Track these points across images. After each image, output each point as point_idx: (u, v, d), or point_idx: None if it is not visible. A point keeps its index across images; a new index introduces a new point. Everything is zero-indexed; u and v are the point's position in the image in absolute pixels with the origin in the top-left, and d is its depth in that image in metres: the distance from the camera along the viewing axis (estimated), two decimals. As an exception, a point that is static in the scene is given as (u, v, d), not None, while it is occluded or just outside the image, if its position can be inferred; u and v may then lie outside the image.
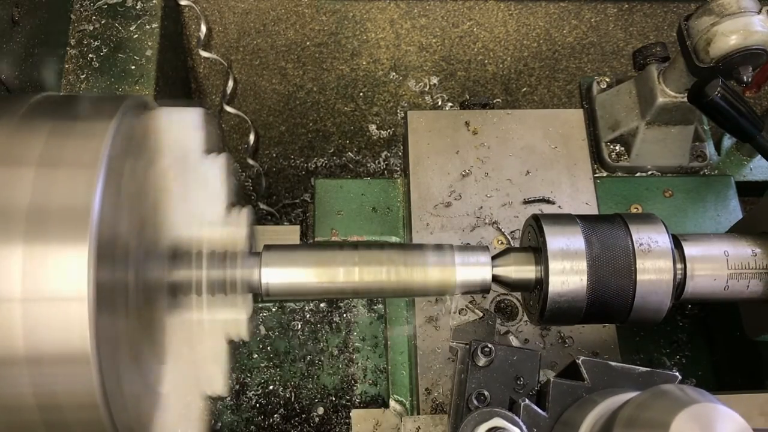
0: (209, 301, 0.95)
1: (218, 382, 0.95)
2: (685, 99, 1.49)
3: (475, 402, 0.93)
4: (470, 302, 1.01)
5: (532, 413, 0.88)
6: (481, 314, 1.01)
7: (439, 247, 1.03)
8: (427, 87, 2.20)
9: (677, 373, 0.91)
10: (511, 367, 0.95)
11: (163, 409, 0.92)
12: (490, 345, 0.95)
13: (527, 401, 0.89)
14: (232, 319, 0.96)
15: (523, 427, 0.84)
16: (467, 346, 0.97)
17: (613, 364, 0.91)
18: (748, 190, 1.71)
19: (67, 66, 1.65)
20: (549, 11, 2.02)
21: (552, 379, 0.90)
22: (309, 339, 1.71)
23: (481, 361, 0.95)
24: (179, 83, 2.01)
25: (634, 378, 0.91)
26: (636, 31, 2.08)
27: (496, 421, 0.85)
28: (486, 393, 0.93)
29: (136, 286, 0.85)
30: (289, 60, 2.12)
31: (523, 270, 1.02)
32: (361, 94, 2.22)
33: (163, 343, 0.93)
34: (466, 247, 1.04)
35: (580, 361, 0.91)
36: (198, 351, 0.95)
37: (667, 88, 1.54)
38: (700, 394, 0.71)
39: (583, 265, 0.99)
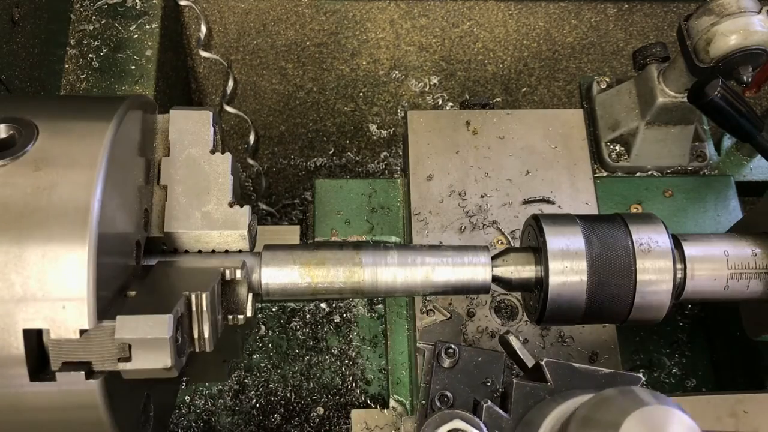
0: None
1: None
2: (685, 99, 1.49)
3: (438, 403, 0.93)
4: (438, 303, 1.01)
5: (494, 415, 0.88)
6: (448, 315, 1.01)
7: (439, 248, 1.03)
8: (427, 87, 2.20)
9: (641, 375, 0.90)
10: (476, 368, 0.95)
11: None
12: (454, 346, 0.95)
13: (489, 403, 0.88)
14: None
15: (484, 429, 0.84)
16: (432, 347, 0.97)
17: (576, 365, 0.91)
18: (748, 190, 1.71)
19: (67, 66, 1.65)
20: (549, 11, 2.02)
21: (515, 381, 0.90)
22: (309, 339, 1.71)
23: (446, 362, 0.95)
24: (179, 83, 2.01)
25: (597, 380, 0.90)
26: (636, 31, 2.08)
27: (456, 423, 0.84)
28: (449, 394, 0.93)
29: (136, 285, 0.85)
30: (289, 60, 2.12)
31: (523, 270, 1.02)
32: (361, 94, 2.22)
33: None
34: (465, 247, 1.04)
35: (543, 363, 0.91)
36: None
37: (667, 88, 1.54)
38: (655, 397, 0.71)
39: (583, 265, 0.99)
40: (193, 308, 0.81)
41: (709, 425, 1.23)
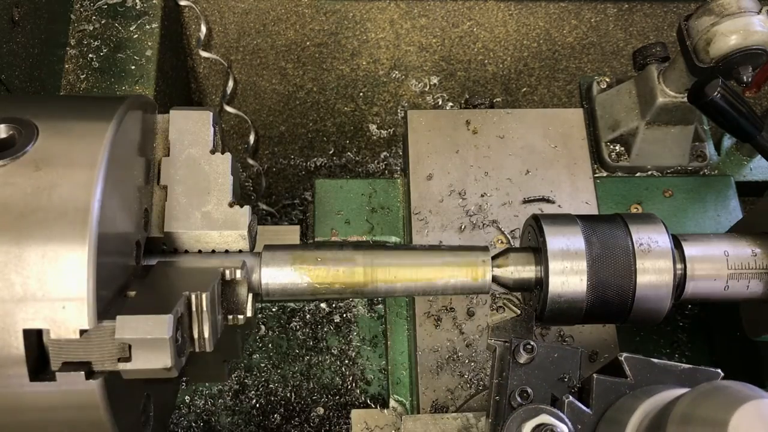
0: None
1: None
2: (685, 99, 1.49)
3: (519, 399, 0.92)
4: (507, 299, 1.01)
5: (577, 410, 0.88)
6: (518, 312, 1.01)
7: (439, 247, 1.03)
8: (428, 87, 2.20)
9: (719, 371, 0.91)
10: (552, 364, 0.95)
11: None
12: (532, 342, 0.95)
13: (571, 398, 0.89)
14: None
15: (569, 424, 0.84)
16: (506, 344, 0.97)
17: (655, 361, 0.91)
18: (748, 190, 1.71)
19: (67, 66, 1.65)
20: (549, 11, 2.02)
21: (595, 376, 0.90)
22: (309, 339, 1.71)
23: (523, 358, 0.95)
24: (179, 83, 2.01)
25: (677, 375, 0.91)
26: (636, 31, 2.08)
27: (543, 418, 0.84)
28: (529, 390, 0.93)
29: (136, 285, 0.85)
30: (289, 60, 2.12)
31: (523, 270, 1.02)
32: (361, 94, 2.22)
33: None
34: (465, 247, 1.04)
35: (622, 358, 0.91)
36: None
37: (667, 88, 1.54)
38: (756, 391, 0.71)
39: (583, 265, 0.99)
40: (193, 308, 0.82)
41: None
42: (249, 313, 0.95)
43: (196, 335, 0.82)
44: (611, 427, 0.86)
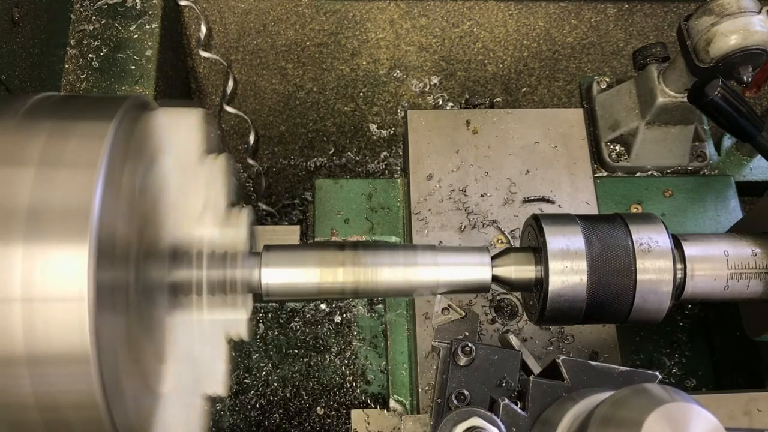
0: (209, 301, 0.95)
1: (218, 382, 0.95)
2: (685, 99, 1.49)
3: (455, 401, 0.92)
4: (452, 302, 1.01)
5: (512, 413, 0.88)
6: (463, 314, 1.01)
7: (438, 247, 1.03)
8: (428, 87, 2.20)
9: (657, 373, 0.90)
10: (491, 366, 0.95)
11: (163, 409, 0.92)
12: (470, 344, 0.95)
13: (507, 401, 0.88)
14: (233, 319, 0.96)
15: (502, 427, 0.84)
16: (448, 345, 0.97)
17: (593, 363, 0.91)
18: (748, 190, 1.71)
19: (67, 66, 1.65)
20: (549, 11, 2.02)
21: (532, 379, 0.90)
22: (309, 339, 1.71)
23: (462, 360, 0.95)
24: (179, 83, 2.01)
25: (614, 377, 0.91)
26: (636, 31, 2.08)
27: (475, 421, 0.84)
28: (466, 392, 0.93)
29: (136, 286, 0.85)
30: (289, 60, 2.12)
31: (523, 270, 1.02)
32: (361, 94, 2.22)
33: (163, 343, 0.93)
34: (465, 248, 1.04)
35: (560, 361, 0.91)
36: (198, 351, 0.95)
37: (667, 88, 1.54)
38: (676, 394, 0.71)
39: (583, 265, 0.99)
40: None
41: (723, 423, 1.23)
42: (248, 314, 0.95)
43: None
44: (543, 429, 0.86)
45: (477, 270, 1.01)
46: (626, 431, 0.69)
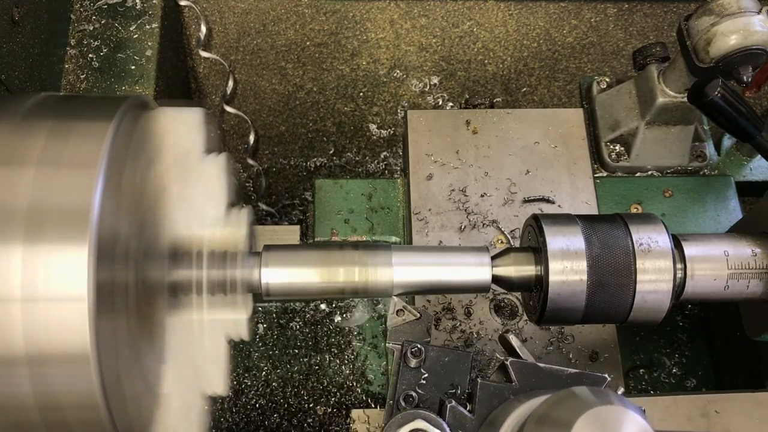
0: (209, 301, 0.95)
1: (218, 382, 0.95)
2: (685, 99, 1.49)
3: (403, 403, 0.92)
4: (407, 303, 1.01)
5: (459, 415, 0.88)
6: (418, 315, 1.01)
7: (438, 247, 1.03)
8: (428, 87, 2.20)
9: (606, 375, 0.91)
10: (443, 368, 0.95)
11: (163, 409, 0.92)
12: (419, 345, 0.94)
13: (454, 403, 0.88)
14: (232, 319, 0.96)
15: (447, 429, 0.84)
16: (400, 347, 0.97)
17: (541, 365, 0.91)
18: (748, 190, 1.71)
19: (67, 66, 1.65)
20: (549, 11, 2.02)
21: (479, 381, 0.90)
22: (309, 339, 1.71)
23: (412, 362, 0.95)
24: (179, 83, 2.01)
25: (562, 380, 0.91)
26: (636, 31, 2.08)
27: (418, 423, 0.84)
28: (414, 394, 0.93)
29: (136, 286, 0.85)
30: (289, 60, 2.12)
31: (522, 270, 1.02)
32: (361, 94, 2.22)
33: (163, 343, 0.93)
34: (465, 248, 1.04)
35: (508, 363, 0.91)
36: (198, 351, 0.95)
37: (667, 88, 1.54)
38: (611, 397, 0.72)
39: (583, 265, 0.99)
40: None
41: (680, 425, 1.24)
42: (248, 314, 0.95)
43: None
44: (489, 430, 0.86)
45: (477, 270, 1.01)
46: (557, 431, 0.70)
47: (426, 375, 0.94)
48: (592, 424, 0.69)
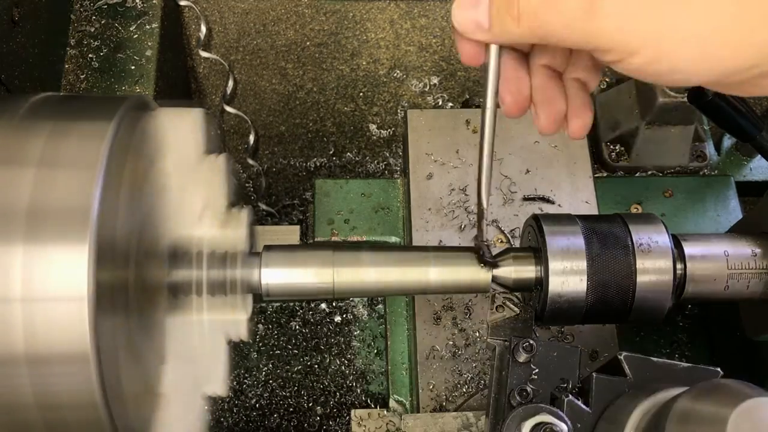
0: (209, 301, 0.95)
1: (218, 382, 0.95)
2: (685, 99, 1.49)
3: (518, 398, 0.93)
4: (507, 298, 1.02)
5: (576, 409, 0.88)
6: (518, 311, 1.02)
7: (438, 247, 1.03)
8: (428, 87, 2.20)
9: (719, 369, 0.91)
10: (551, 363, 0.96)
11: (163, 409, 0.92)
12: (531, 341, 0.95)
13: (570, 397, 0.89)
14: (232, 319, 0.96)
15: (569, 423, 0.84)
16: (506, 343, 0.97)
17: (654, 359, 0.92)
18: (748, 190, 1.71)
19: (67, 66, 1.65)
20: (549, 11, 2.02)
21: (594, 375, 0.91)
22: (309, 339, 1.71)
23: (522, 357, 0.95)
24: (179, 83, 2.01)
25: (676, 373, 0.91)
26: (636, 30, 2.07)
27: (543, 417, 0.85)
28: (528, 389, 0.93)
29: (136, 286, 0.85)
30: (289, 60, 2.12)
31: (522, 270, 1.02)
32: (361, 94, 2.22)
33: (163, 343, 0.93)
34: (465, 247, 1.04)
35: (622, 357, 0.91)
36: (198, 351, 0.95)
37: (667, 88, 1.54)
38: (755, 389, 0.71)
39: (583, 265, 0.99)
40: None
41: None
42: (248, 314, 0.95)
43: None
44: (610, 426, 0.86)
45: (476, 270, 1.01)
46: (709, 428, 0.69)
47: (536, 370, 0.95)
48: (748, 417, 0.67)
